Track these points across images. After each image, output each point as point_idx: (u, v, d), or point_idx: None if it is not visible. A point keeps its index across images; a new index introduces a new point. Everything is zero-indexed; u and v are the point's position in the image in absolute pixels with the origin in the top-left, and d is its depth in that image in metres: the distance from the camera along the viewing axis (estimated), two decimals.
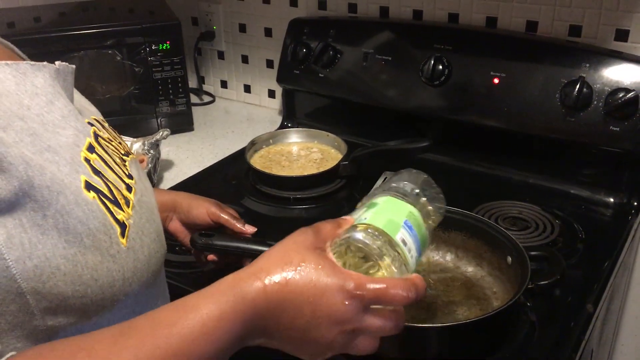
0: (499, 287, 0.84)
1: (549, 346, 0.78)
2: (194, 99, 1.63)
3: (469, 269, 0.88)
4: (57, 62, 0.57)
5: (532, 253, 0.81)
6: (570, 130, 1.04)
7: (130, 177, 0.59)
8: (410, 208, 0.59)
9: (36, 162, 0.47)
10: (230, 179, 1.20)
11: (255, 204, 1.11)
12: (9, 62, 0.52)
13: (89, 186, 0.51)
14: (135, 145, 1.24)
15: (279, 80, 1.39)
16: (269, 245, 0.79)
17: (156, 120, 1.41)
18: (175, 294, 0.88)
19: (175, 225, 0.86)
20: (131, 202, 0.56)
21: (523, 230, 0.98)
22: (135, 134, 1.29)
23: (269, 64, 1.53)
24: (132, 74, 1.37)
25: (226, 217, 0.84)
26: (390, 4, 1.29)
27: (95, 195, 0.51)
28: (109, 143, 0.60)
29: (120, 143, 0.64)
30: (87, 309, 0.50)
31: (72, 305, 0.49)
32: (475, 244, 0.87)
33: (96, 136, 0.58)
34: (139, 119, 1.40)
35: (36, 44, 1.29)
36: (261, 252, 0.76)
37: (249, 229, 0.84)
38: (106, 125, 0.65)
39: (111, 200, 0.53)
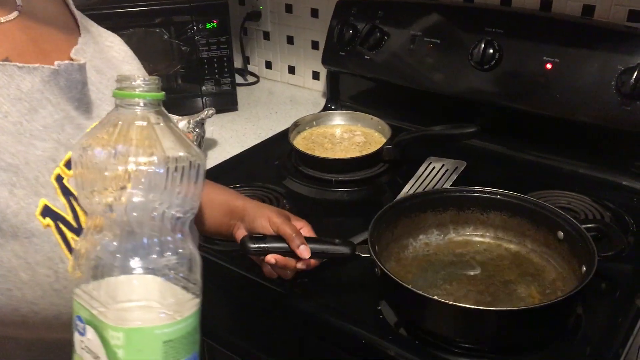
0: (549, 262, 0.84)
1: (595, 340, 0.76)
2: (238, 79, 1.64)
3: (512, 246, 0.88)
4: (56, 62, 0.54)
5: (586, 226, 0.80)
6: (625, 120, 1.00)
7: None
8: None
9: None
10: (272, 159, 1.20)
11: (297, 185, 1.11)
12: None
13: (46, 212, 0.48)
14: (181, 123, 1.25)
15: (324, 61, 1.38)
16: (324, 243, 0.79)
17: (201, 99, 1.43)
18: (215, 273, 0.89)
19: (242, 233, 0.81)
20: None
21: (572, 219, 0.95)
22: (181, 112, 1.31)
23: (314, 45, 1.52)
24: (179, 53, 1.38)
25: (288, 230, 0.77)
26: None
27: (50, 222, 0.48)
28: None
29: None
30: (32, 330, 0.48)
31: (12, 327, 0.47)
32: (517, 222, 0.87)
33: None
34: (184, 98, 1.42)
35: None
36: (320, 251, 0.78)
37: (304, 253, 0.76)
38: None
39: (73, 228, 0.50)
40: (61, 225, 0.49)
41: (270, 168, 1.18)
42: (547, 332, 0.74)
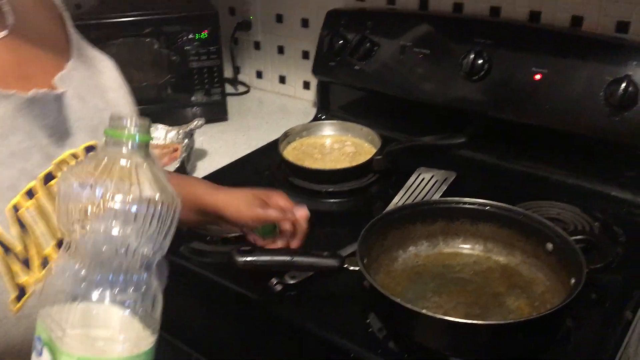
0: (538, 274, 0.84)
1: (585, 352, 0.75)
2: (229, 88, 1.63)
3: (501, 258, 0.88)
4: (32, 91, 0.53)
5: (575, 237, 0.80)
6: (613, 130, 1.01)
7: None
8: None
9: None
10: (262, 170, 1.20)
11: (287, 196, 1.10)
12: None
13: None
14: (170, 134, 1.25)
15: (315, 71, 1.38)
16: (312, 256, 0.79)
17: (191, 109, 1.42)
18: (204, 286, 0.89)
19: (224, 228, 0.83)
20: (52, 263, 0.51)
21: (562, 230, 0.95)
22: (170, 122, 1.30)
23: (305, 55, 1.52)
24: (168, 63, 1.37)
25: (273, 215, 0.83)
26: None
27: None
28: None
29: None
30: None
31: None
32: (507, 234, 0.87)
33: (50, 179, 0.54)
34: (174, 108, 1.41)
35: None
36: (309, 265, 0.78)
37: (303, 219, 0.84)
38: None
39: (20, 259, 0.50)
40: (6, 256, 0.49)
41: (260, 179, 1.17)
42: (537, 344, 0.74)
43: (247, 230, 0.86)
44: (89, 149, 0.58)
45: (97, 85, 0.65)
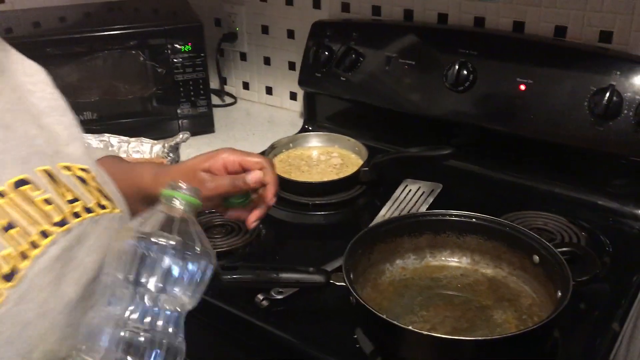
0: (525, 287, 0.84)
1: None
2: (216, 100, 1.63)
3: (488, 270, 0.88)
4: None
5: (561, 250, 0.80)
6: (598, 140, 1.01)
7: (35, 246, 0.51)
8: None
9: None
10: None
11: (274, 209, 1.08)
12: None
13: None
14: (156, 147, 1.23)
15: (301, 83, 1.38)
16: (300, 272, 0.78)
17: (177, 121, 1.41)
18: None
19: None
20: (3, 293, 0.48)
21: (548, 242, 0.95)
22: (156, 135, 1.29)
23: (291, 66, 1.52)
24: (154, 75, 1.36)
25: (224, 187, 0.78)
26: (414, 7, 1.26)
27: None
28: (30, 205, 0.52)
29: (74, 200, 0.56)
30: None
31: None
32: (493, 246, 0.87)
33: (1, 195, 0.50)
34: (160, 121, 1.40)
35: (61, 45, 1.30)
36: (294, 281, 0.79)
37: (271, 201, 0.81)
38: (81, 175, 0.59)
39: None
40: None
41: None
42: (524, 357, 0.73)
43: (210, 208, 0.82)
44: (19, 183, 0.52)
45: (27, 108, 0.59)
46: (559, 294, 0.74)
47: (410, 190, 1.10)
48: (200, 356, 0.93)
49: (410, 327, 0.69)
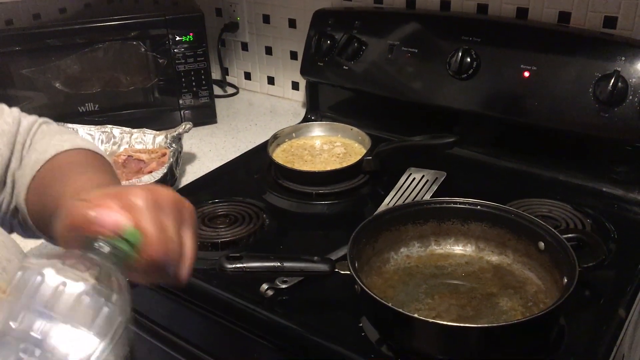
0: (530, 274, 0.84)
1: (579, 351, 0.75)
2: (217, 90, 1.62)
3: (493, 258, 0.87)
4: None
5: (566, 236, 0.79)
6: (603, 126, 1.00)
7: None
8: None
9: None
10: (252, 173, 1.19)
11: (277, 199, 1.10)
12: None
13: None
14: (158, 138, 1.23)
15: (303, 72, 1.37)
16: (303, 261, 0.77)
17: (179, 112, 1.41)
18: (194, 293, 0.88)
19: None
20: None
21: (553, 229, 0.95)
22: (158, 126, 1.29)
23: (293, 55, 1.51)
24: (155, 66, 1.36)
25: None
26: None
27: None
28: None
29: None
30: None
31: None
32: (498, 233, 0.86)
33: None
34: (162, 112, 1.40)
35: (61, 36, 1.29)
36: (299, 270, 0.75)
37: None
38: None
39: None
40: None
41: (250, 182, 1.17)
42: (530, 345, 0.73)
43: None
44: None
45: None
46: (565, 280, 0.73)
47: (414, 179, 1.09)
48: (204, 346, 0.93)
49: (415, 315, 0.69)
